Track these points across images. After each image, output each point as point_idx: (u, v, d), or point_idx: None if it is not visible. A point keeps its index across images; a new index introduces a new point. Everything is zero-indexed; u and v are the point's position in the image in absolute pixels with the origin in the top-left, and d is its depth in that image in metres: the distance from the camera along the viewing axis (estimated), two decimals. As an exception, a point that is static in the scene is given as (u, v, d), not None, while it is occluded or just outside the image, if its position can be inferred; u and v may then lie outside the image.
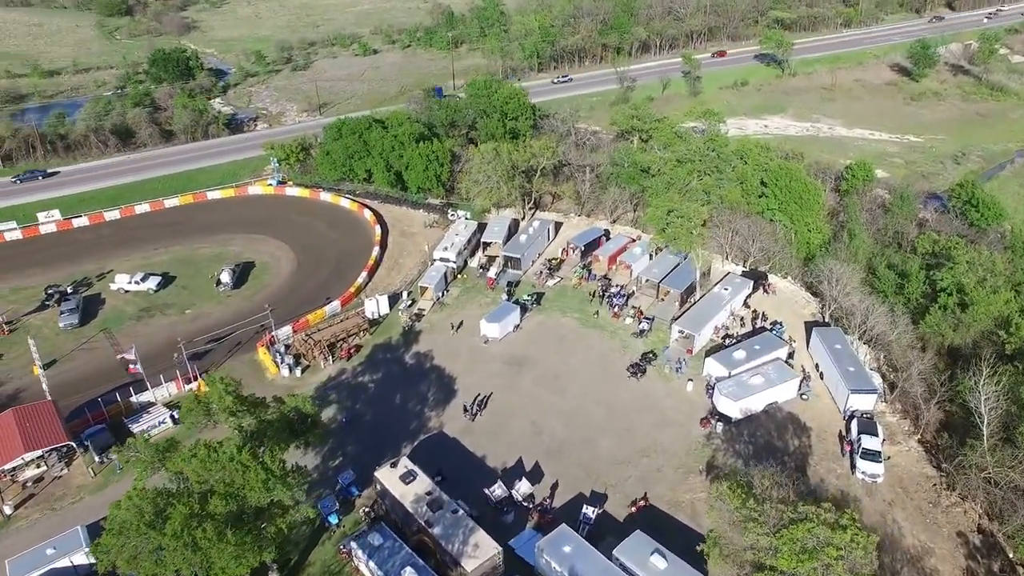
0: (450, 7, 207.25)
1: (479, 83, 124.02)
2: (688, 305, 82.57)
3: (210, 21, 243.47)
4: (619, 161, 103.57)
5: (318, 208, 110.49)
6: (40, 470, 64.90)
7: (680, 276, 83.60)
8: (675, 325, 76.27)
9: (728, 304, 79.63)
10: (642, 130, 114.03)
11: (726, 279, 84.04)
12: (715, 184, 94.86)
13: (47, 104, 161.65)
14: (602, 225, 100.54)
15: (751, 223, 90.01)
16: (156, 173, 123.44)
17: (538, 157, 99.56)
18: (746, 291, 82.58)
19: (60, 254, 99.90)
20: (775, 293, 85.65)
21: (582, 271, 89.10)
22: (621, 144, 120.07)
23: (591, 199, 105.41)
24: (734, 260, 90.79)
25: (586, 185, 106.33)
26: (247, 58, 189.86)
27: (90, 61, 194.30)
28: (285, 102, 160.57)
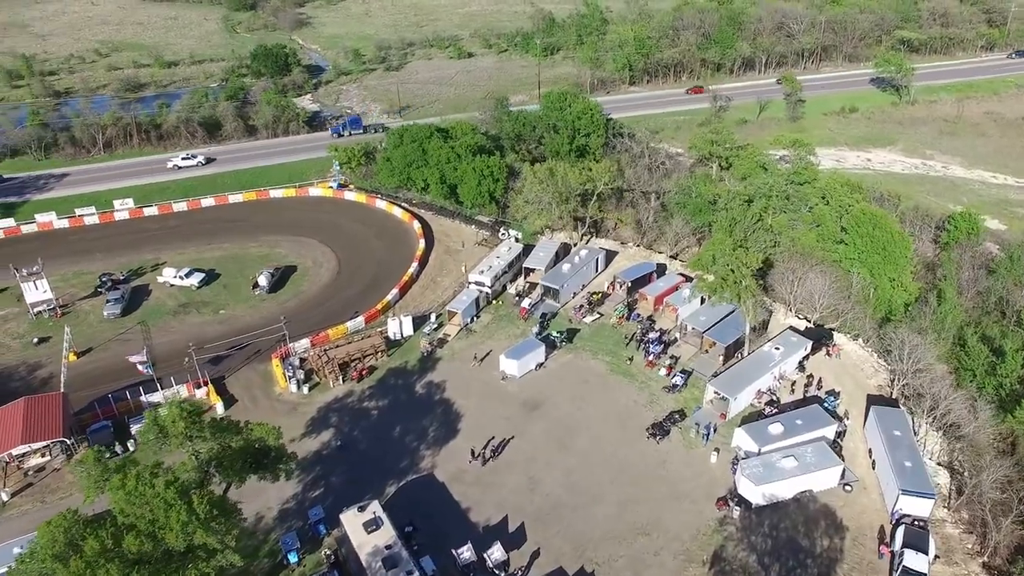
0: (551, 13, 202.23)
1: (554, 96, 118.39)
2: (734, 362, 73.93)
3: (323, 17, 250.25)
4: (685, 190, 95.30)
5: (370, 215, 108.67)
6: (44, 460, 65.66)
7: (729, 327, 74.99)
8: (710, 384, 68.04)
9: (777, 365, 70.42)
10: (722, 157, 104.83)
11: (781, 336, 74.66)
12: (787, 225, 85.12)
13: (160, 94, 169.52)
14: (661, 260, 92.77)
15: (823, 273, 79.86)
16: (230, 167, 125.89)
17: (595, 180, 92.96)
18: (802, 352, 72.93)
19: (125, 242, 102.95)
20: (839, 356, 75.31)
21: (623, 310, 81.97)
22: (699, 170, 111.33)
23: (653, 229, 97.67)
24: (799, 313, 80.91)
25: (650, 213, 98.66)
26: (345, 56, 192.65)
27: (206, 53, 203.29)
28: (370, 102, 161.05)
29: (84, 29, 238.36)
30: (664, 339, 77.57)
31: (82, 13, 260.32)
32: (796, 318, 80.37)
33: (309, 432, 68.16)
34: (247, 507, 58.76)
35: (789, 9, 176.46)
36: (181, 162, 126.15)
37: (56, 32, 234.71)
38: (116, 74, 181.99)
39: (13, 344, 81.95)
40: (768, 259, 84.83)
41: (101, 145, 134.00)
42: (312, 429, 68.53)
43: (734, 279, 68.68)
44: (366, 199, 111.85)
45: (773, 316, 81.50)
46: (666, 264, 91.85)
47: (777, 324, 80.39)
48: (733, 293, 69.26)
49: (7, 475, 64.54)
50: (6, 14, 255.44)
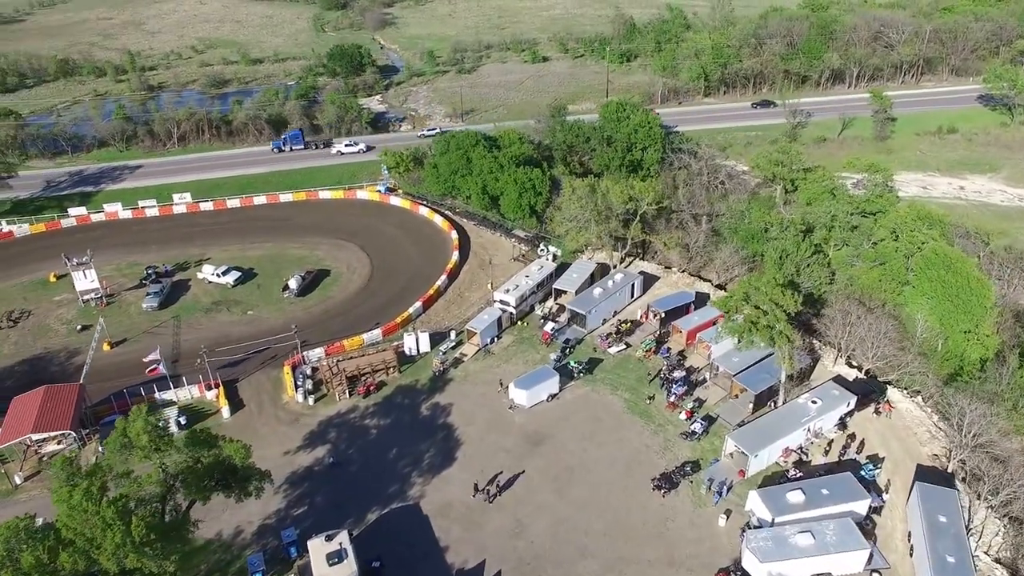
0: (632, 18, 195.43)
1: (612, 106, 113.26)
2: (765, 411, 67.05)
3: (408, 18, 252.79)
4: (739, 214, 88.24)
5: (411, 222, 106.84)
6: (59, 447, 66.81)
7: (762, 372, 68.10)
8: (730, 437, 61.63)
9: (813, 421, 63.14)
10: (786, 179, 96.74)
11: (822, 387, 67.11)
12: (846, 261, 76.96)
13: (241, 90, 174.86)
14: (705, 290, 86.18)
15: (883, 317, 71.55)
16: (287, 166, 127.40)
17: (638, 199, 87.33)
18: (844, 407, 65.18)
19: (178, 235, 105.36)
20: (890, 415, 66.98)
21: (651, 343, 76.24)
22: (763, 192, 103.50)
23: (702, 255, 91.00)
24: (851, 361, 72.87)
25: (699, 237, 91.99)
26: (420, 57, 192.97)
27: (290, 52, 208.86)
28: (436, 104, 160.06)
29: (188, 27, 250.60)
30: (691, 379, 71.48)
31: (190, 11, 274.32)
32: (846, 366, 72.39)
33: (305, 445, 66.54)
34: (227, 519, 58.21)
35: (889, 17, 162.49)
36: (344, 148, 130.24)
37: (164, 29, 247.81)
38: (205, 70, 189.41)
39: (60, 329, 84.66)
40: (821, 297, 77.07)
41: (176, 139, 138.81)
42: (309, 443, 66.87)
43: (766, 323, 61.88)
44: (410, 205, 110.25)
45: (820, 362, 73.72)
46: (709, 294, 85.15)
47: (823, 371, 72.64)
48: (764, 337, 62.42)
49: (25, 459, 66.08)
50: (129, 13, 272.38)
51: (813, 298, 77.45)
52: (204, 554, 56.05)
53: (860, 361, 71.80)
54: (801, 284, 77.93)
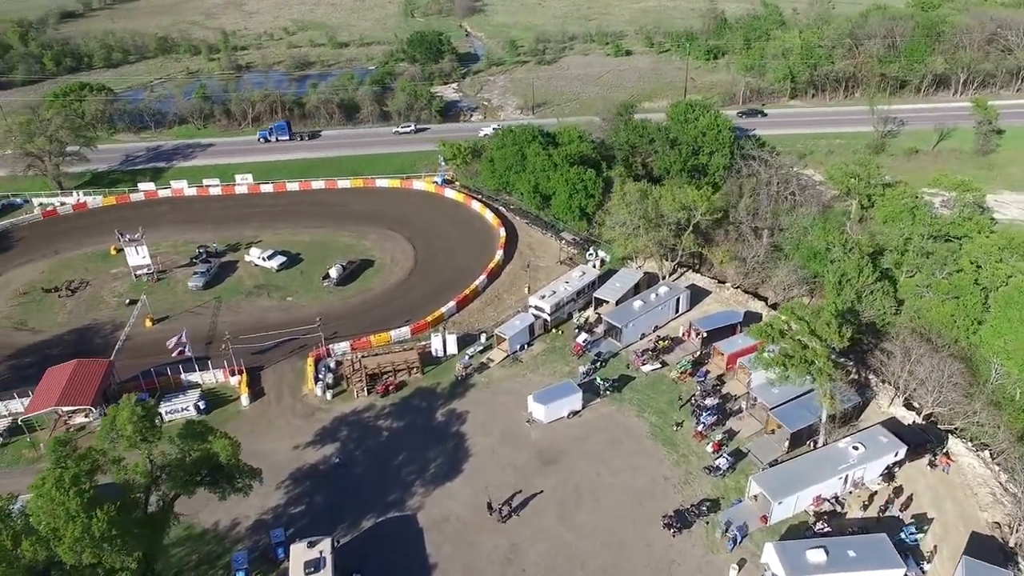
0: (723, 13, 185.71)
1: (681, 106, 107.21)
2: (801, 452, 61.12)
3: (497, 5, 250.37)
4: (803, 230, 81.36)
5: (462, 216, 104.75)
6: (86, 420, 68.74)
7: (802, 408, 62.02)
8: (754, 479, 56.30)
9: (853, 469, 56.95)
10: (862, 193, 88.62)
11: (868, 432, 60.53)
12: (915, 292, 69.36)
13: (324, 73, 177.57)
14: (758, 309, 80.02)
15: (951, 358, 63.99)
16: (351, 151, 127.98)
17: (690, 208, 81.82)
18: (891, 456, 58.49)
19: (236, 216, 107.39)
20: (948, 470, 59.67)
21: (686, 364, 71.15)
22: (838, 206, 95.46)
23: (759, 271, 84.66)
24: (910, 403, 65.62)
25: (759, 252, 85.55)
26: (502, 46, 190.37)
27: (376, 36, 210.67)
28: (510, 95, 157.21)
29: (285, 8, 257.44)
30: (725, 407, 66.17)
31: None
32: (903, 408, 65.22)
33: (315, 442, 65.70)
34: (225, 510, 57.60)
35: (1009, 18, 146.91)
36: (401, 129, 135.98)
37: (262, 10, 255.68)
38: (292, 52, 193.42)
39: (111, 302, 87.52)
40: (883, 328, 69.89)
41: (250, 119, 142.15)
42: (320, 439, 65.99)
43: (803, 357, 56.00)
44: (464, 199, 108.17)
45: (874, 400, 66.76)
46: (761, 315, 78.94)
47: (876, 412, 65.73)
48: (800, 374, 56.53)
49: (54, 428, 68.23)
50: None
51: (874, 328, 70.35)
52: (198, 544, 56.16)
53: (920, 404, 64.49)
54: (862, 312, 71.10)
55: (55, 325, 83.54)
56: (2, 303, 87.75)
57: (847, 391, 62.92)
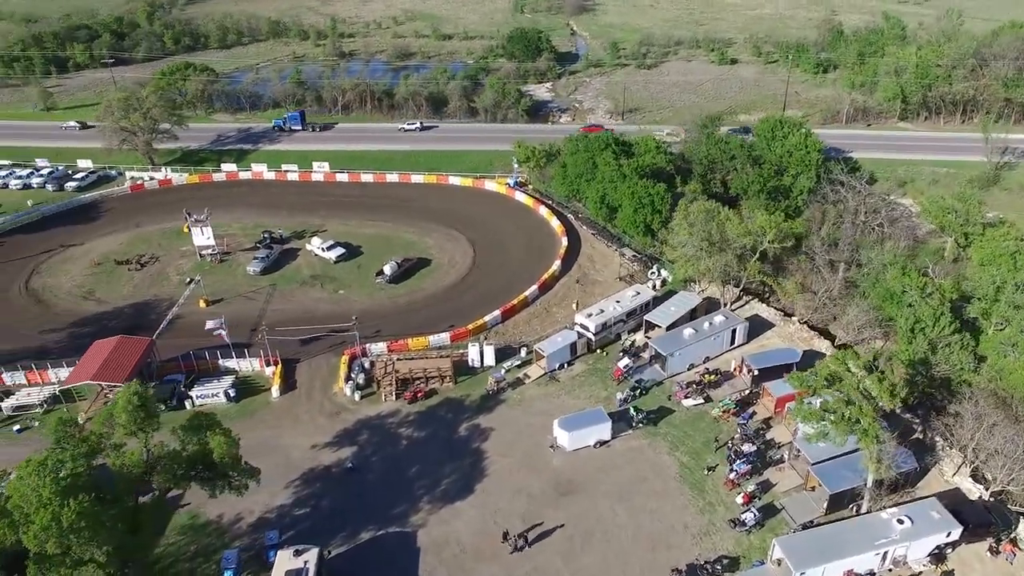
0: (840, 24, 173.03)
1: (769, 123, 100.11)
2: (841, 516, 54.77)
3: (608, 5, 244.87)
4: (879, 267, 73.65)
5: (528, 221, 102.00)
6: (120, 392, 70.89)
7: (848, 468, 55.46)
8: (778, 542, 50.73)
9: (894, 545, 50.37)
10: (958, 231, 79.36)
11: (920, 505, 53.44)
12: (998, 350, 61.01)
13: (423, 64, 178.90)
14: (824, 350, 73.08)
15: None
16: (430, 146, 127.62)
17: (757, 235, 75.61)
18: (943, 536, 51.36)
19: (307, 203, 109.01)
20: (1012, 560, 51.85)
21: (730, 403, 65.62)
22: (932, 243, 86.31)
23: (830, 307, 77.41)
24: (977, 474, 57.70)
25: (833, 286, 78.24)
26: (604, 48, 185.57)
27: (480, 30, 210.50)
28: (603, 99, 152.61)
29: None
30: (764, 456, 60.42)
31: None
32: (970, 481, 57.39)
33: (334, 443, 64.99)
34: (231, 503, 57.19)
35: None
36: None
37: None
38: (395, 42, 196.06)
39: (173, 280, 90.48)
40: (957, 386, 62.05)
41: (340, 107, 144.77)
42: (339, 440, 65.25)
43: (846, 415, 49.81)
44: (533, 203, 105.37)
45: (937, 466, 59.14)
46: (824, 356, 71.77)
47: (936, 480, 58.19)
48: (840, 432, 50.33)
49: (95, 400, 70.81)
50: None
51: (948, 385, 62.59)
52: (198, 535, 56.47)
53: (990, 478, 56.55)
54: (935, 366, 63.44)
55: (119, 297, 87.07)
56: (78, 272, 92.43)
57: (903, 454, 55.84)
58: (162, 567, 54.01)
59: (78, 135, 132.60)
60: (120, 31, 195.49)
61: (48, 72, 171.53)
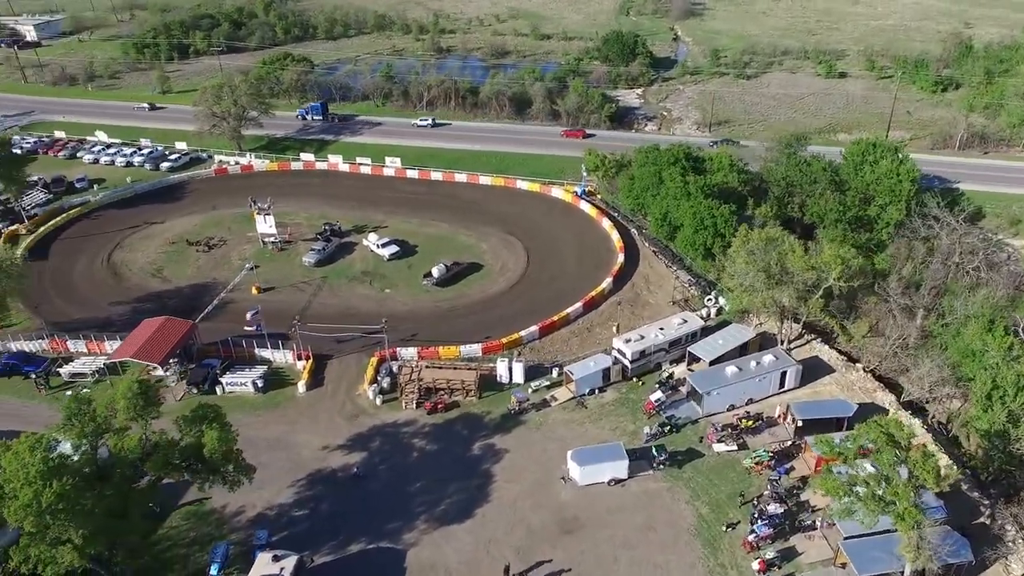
0: (971, 39, 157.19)
1: (860, 145, 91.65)
2: (873, 603, 48.51)
3: (718, 10, 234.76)
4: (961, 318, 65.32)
5: (588, 233, 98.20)
6: (164, 374, 72.91)
7: (884, 549, 48.90)
8: (789, 624, 45.33)
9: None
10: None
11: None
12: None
13: (517, 63, 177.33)
14: (887, 405, 65.73)
15: None
16: (502, 147, 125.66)
17: (820, 270, 68.77)
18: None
19: (374, 197, 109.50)
20: None
21: (764, 455, 59.86)
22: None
23: (902, 357, 69.49)
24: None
25: (910, 333, 70.26)
26: (704, 55, 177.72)
27: (581, 31, 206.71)
28: (693, 108, 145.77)
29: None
30: (793, 519, 54.55)
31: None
32: (1039, 582, 49.54)
33: (346, 446, 64.26)
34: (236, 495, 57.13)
35: None
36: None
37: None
38: (493, 39, 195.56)
39: (235, 264, 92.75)
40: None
41: (425, 103, 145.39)
42: (350, 444, 64.44)
43: (877, 494, 43.55)
44: (597, 215, 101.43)
45: (1004, 560, 51.37)
46: (887, 412, 64.46)
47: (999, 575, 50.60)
48: (870, 512, 44.12)
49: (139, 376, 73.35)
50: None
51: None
52: (199, 523, 57.08)
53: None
54: (1016, 441, 55.42)
55: (183, 277, 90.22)
56: (153, 249, 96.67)
57: (956, 542, 48.78)
58: (160, 550, 54.90)
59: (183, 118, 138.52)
60: (239, 20, 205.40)
61: (171, 58, 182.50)
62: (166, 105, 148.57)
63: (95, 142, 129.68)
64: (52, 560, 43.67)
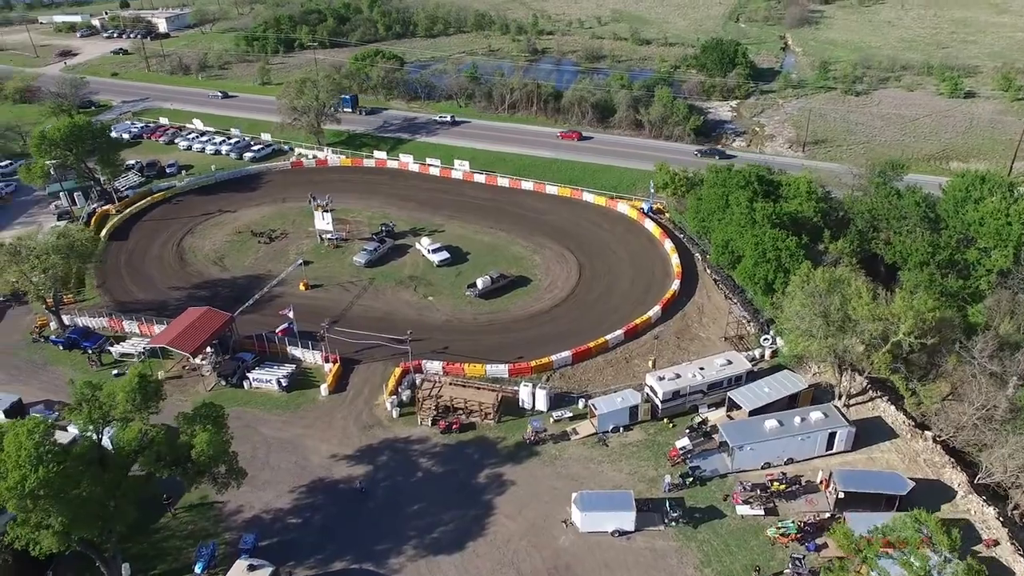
0: None
1: (965, 179, 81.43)
2: None
3: (837, 19, 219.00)
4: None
5: (647, 254, 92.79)
6: (200, 363, 74.28)
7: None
8: None
9: None
10: None
11: None
12: None
13: (611, 68, 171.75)
14: (954, 484, 57.52)
15: None
16: (574, 156, 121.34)
17: (889, 322, 60.87)
18: None
19: (436, 200, 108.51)
20: None
21: (791, 527, 53.37)
22: None
23: (983, 430, 60.43)
24: None
25: (997, 403, 60.95)
26: (812, 67, 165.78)
27: (683, 37, 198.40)
28: (788, 126, 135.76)
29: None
30: (816, 607, 48.26)
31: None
32: None
33: (353, 457, 62.92)
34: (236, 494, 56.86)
35: None
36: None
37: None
38: (590, 43, 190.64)
39: (291, 258, 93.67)
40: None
41: (507, 105, 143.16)
42: (358, 456, 63.02)
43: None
44: (660, 235, 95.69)
45: None
46: (954, 494, 56.44)
47: None
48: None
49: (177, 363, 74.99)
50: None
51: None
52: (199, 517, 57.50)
53: None
54: None
55: (240, 267, 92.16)
56: (220, 237, 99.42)
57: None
58: (159, 539, 55.67)
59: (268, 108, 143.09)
60: (345, 16, 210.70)
61: (276, 51, 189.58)
62: (237, 94, 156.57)
63: (191, 130, 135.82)
64: (35, 542, 44.69)
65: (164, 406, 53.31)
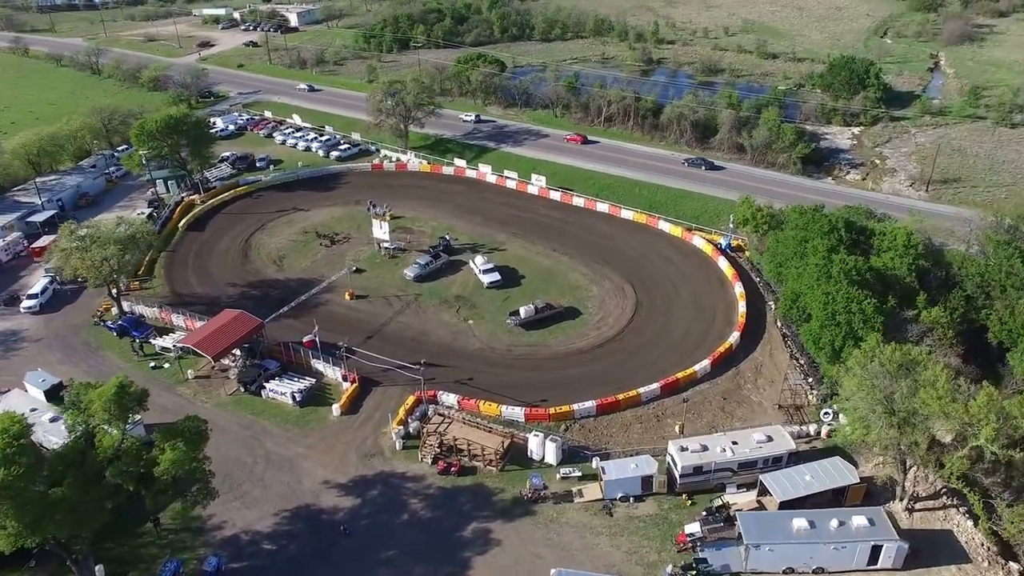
0: None
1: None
2: None
3: (1008, 34, 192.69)
4: None
5: (713, 296, 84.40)
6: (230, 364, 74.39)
7: None
8: None
9: None
10: None
11: None
12: None
13: (729, 82, 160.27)
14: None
15: None
16: (662, 180, 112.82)
17: (966, 422, 50.22)
18: None
19: (505, 215, 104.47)
20: None
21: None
22: None
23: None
24: None
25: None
26: (962, 92, 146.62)
27: (815, 52, 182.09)
28: (913, 160, 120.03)
29: (747, 6, 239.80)
30: None
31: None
32: None
33: (344, 487, 60.23)
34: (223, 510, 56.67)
35: None
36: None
37: (723, 5, 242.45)
38: (709, 54, 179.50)
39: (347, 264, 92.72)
40: None
41: (603, 119, 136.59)
42: (350, 487, 60.28)
43: None
44: (733, 275, 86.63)
45: None
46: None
47: None
48: None
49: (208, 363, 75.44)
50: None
51: None
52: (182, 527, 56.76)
53: None
54: None
55: (297, 269, 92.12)
56: (285, 236, 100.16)
57: None
58: (138, 544, 55.59)
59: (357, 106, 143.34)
60: (464, 16, 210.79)
61: (391, 49, 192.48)
62: (323, 88, 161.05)
63: (289, 124, 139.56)
64: None
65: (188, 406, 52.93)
